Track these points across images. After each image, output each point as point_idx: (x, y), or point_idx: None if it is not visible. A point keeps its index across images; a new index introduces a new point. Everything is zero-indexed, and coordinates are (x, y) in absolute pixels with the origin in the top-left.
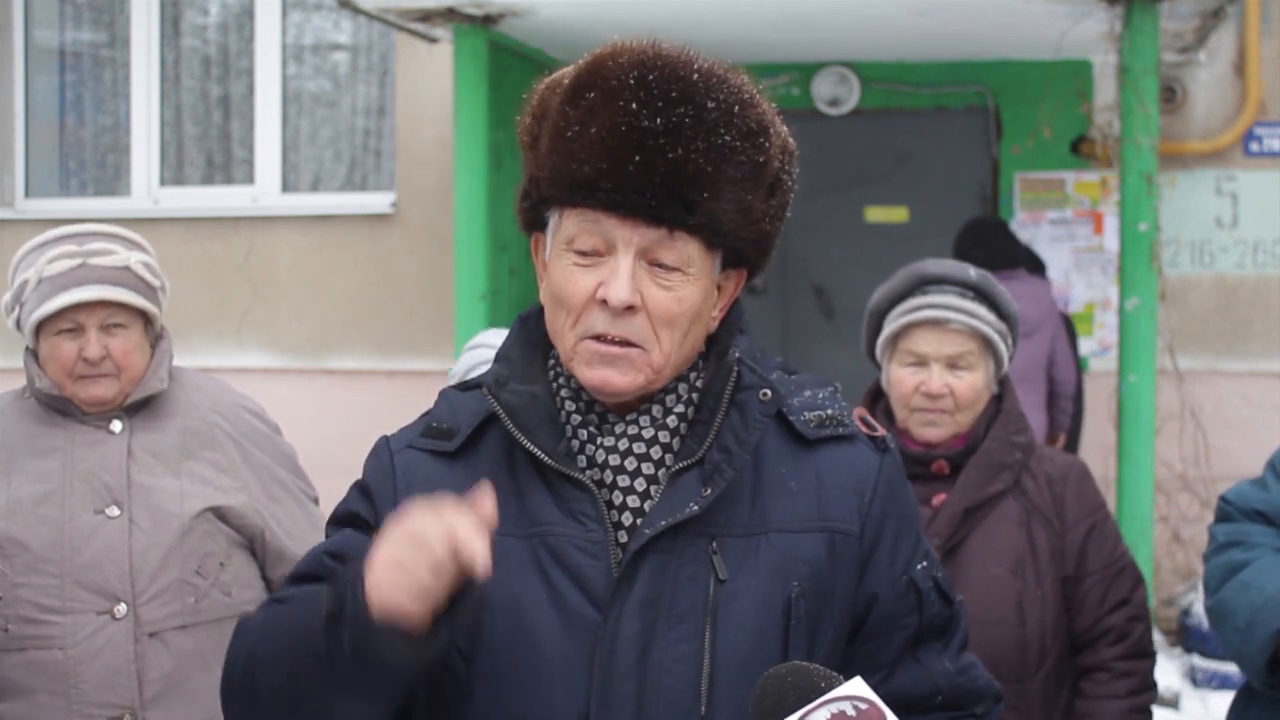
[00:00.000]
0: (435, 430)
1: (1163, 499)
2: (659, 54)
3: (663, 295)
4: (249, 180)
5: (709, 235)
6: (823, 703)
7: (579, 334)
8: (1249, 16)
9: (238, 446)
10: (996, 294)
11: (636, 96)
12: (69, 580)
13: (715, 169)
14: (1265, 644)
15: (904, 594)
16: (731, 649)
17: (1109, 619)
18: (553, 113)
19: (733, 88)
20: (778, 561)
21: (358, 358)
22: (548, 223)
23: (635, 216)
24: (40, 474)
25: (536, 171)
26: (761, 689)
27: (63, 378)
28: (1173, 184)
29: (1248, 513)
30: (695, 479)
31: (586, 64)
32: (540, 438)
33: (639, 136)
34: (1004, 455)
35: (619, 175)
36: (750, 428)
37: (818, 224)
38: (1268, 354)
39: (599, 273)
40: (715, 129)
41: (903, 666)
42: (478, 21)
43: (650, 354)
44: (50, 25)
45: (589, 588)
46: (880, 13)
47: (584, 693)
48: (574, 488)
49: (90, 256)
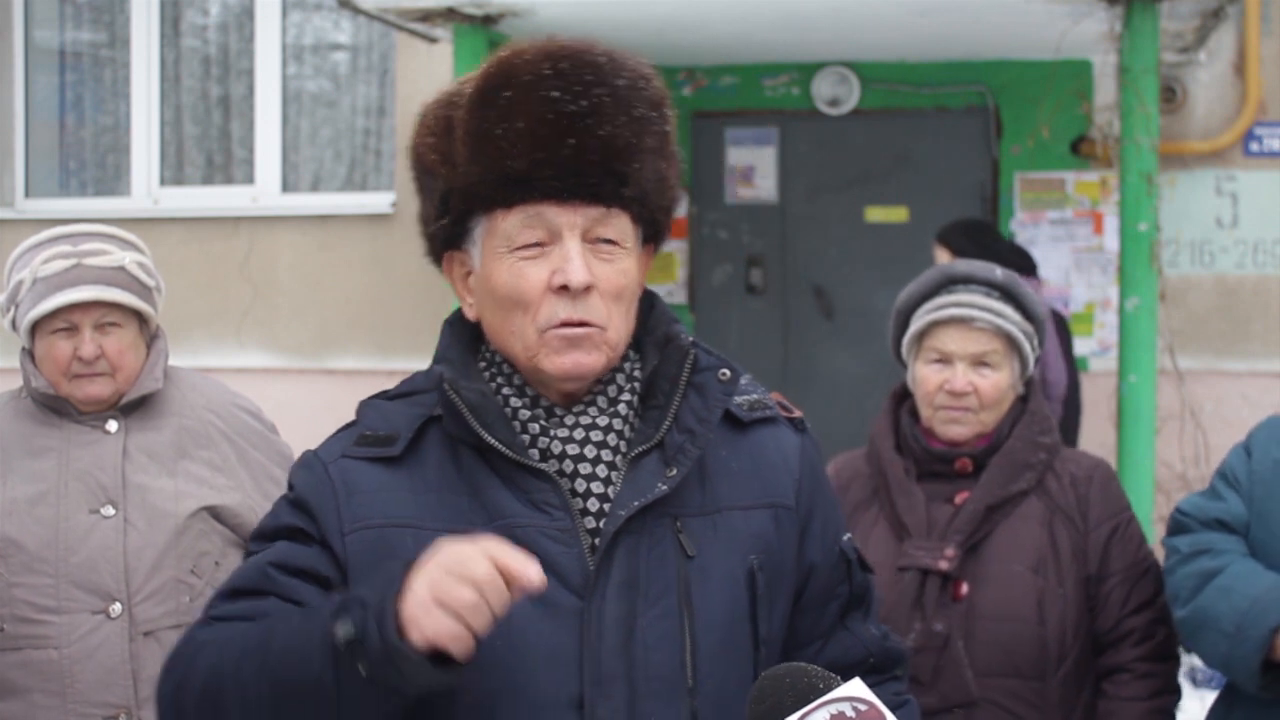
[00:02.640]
0: (371, 438)
1: (1163, 499)
2: (562, 45)
3: (609, 270)
4: (249, 180)
5: (638, 207)
6: (822, 704)
7: (540, 326)
8: (1249, 16)
9: (233, 446)
10: (1022, 294)
11: (555, 84)
12: (64, 580)
13: (638, 140)
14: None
15: (836, 563)
16: (708, 623)
17: (1131, 620)
18: (462, 122)
19: (633, 65)
20: (734, 538)
21: (358, 358)
22: (468, 234)
23: (575, 199)
24: (35, 474)
25: (459, 183)
26: (759, 690)
27: (58, 377)
28: (1173, 184)
29: (1207, 522)
30: (656, 461)
31: (490, 67)
32: (497, 432)
33: (568, 121)
34: (1028, 455)
35: (556, 162)
36: (712, 407)
37: (818, 224)
38: (1268, 354)
39: (548, 262)
40: (631, 104)
41: (835, 635)
42: (478, 21)
43: (607, 331)
44: (50, 25)
45: (564, 576)
46: (880, 13)
47: (575, 678)
48: (534, 478)
49: (85, 257)
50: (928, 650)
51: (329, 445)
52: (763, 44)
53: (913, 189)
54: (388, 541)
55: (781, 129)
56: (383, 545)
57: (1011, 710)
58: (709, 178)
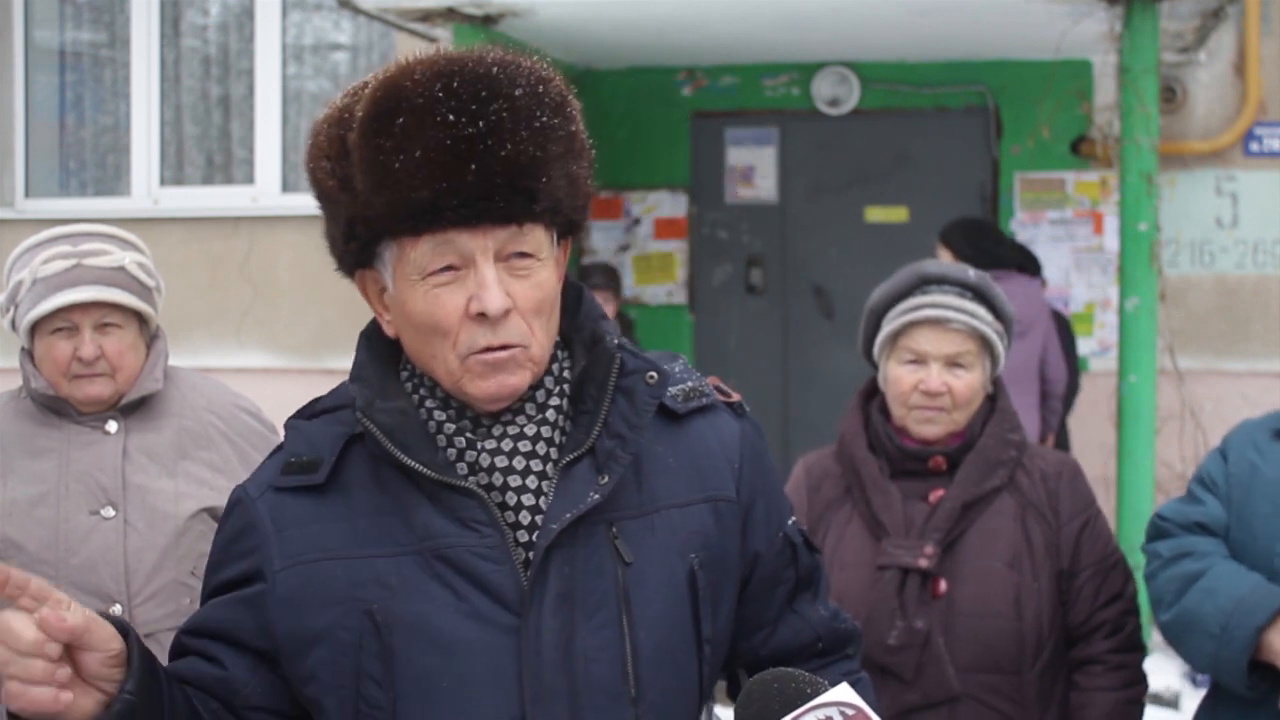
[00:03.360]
0: (296, 465)
1: (1163, 499)
2: (452, 60)
3: (525, 286)
4: (249, 180)
5: (550, 217)
6: (809, 709)
7: (461, 353)
8: (1249, 16)
9: (233, 446)
10: (994, 295)
11: (449, 106)
12: (64, 581)
13: (543, 152)
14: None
15: (781, 549)
16: (648, 628)
17: (1102, 613)
18: (357, 148)
19: (529, 69)
20: (673, 537)
21: None
22: (378, 256)
23: (484, 223)
24: (35, 475)
25: (361, 211)
26: (746, 695)
27: (58, 378)
28: (1173, 184)
29: (1187, 526)
30: (587, 468)
31: (379, 91)
32: (418, 453)
33: (467, 144)
34: (999, 452)
35: (460, 189)
36: (640, 412)
37: (818, 224)
38: (1268, 354)
39: (462, 288)
40: (530, 114)
41: (784, 620)
42: (478, 21)
43: (530, 349)
44: (50, 25)
45: (498, 593)
46: (880, 13)
47: (515, 696)
48: (461, 496)
49: (85, 257)
50: (909, 648)
51: (258, 476)
52: (763, 44)
53: (913, 189)
54: (319, 575)
55: (781, 129)
56: (315, 580)
57: (992, 705)
58: (709, 178)
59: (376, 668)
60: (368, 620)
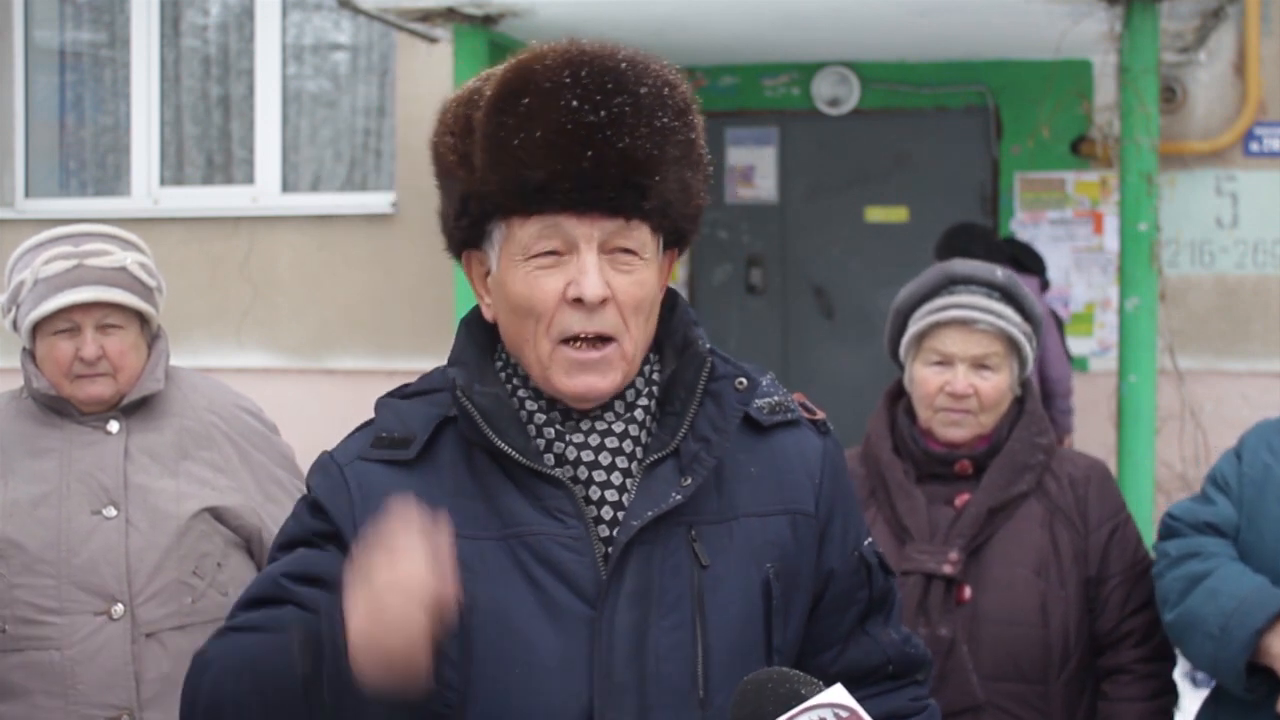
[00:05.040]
0: (387, 440)
1: (1163, 499)
2: (583, 50)
3: (627, 282)
4: (249, 180)
5: (659, 218)
6: (803, 710)
7: (554, 338)
8: (1249, 16)
9: (235, 446)
10: (1022, 295)
11: (574, 93)
12: (66, 581)
13: (659, 151)
14: (1243, 647)
15: (856, 569)
16: (720, 632)
17: (1131, 621)
18: (481, 126)
19: (657, 71)
20: (750, 545)
21: (358, 358)
22: (487, 236)
23: (593, 211)
24: (37, 475)
25: (477, 187)
26: (740, 695)
27: (59, 378)
28: (1173, 184)
29: (1197, 526)
30: (671, 469)
31: (509, 72)
32: (511, 438)
33: (586, 131)
34: (1027, 456)
35: (574, 174)
36: (727, 416)
37: (818, 224)
38: (1268, 354)
39: (563, 273)
40: (652, 113)
41: (854, 640)
42: (478, 21)
43: (623, 344)
44: (50, 25)
45: (577, 584)
46: (880, 13)
47: (585, 688)
48: (548, 485)
49: (86, 257)
50: (933, 655)
51: (345, 446)
52: (763, 44)
53: (913, 189)
54: None
55: (781, 129)
56: None
57: (1016, 714)
58: None
59: (454, 647)
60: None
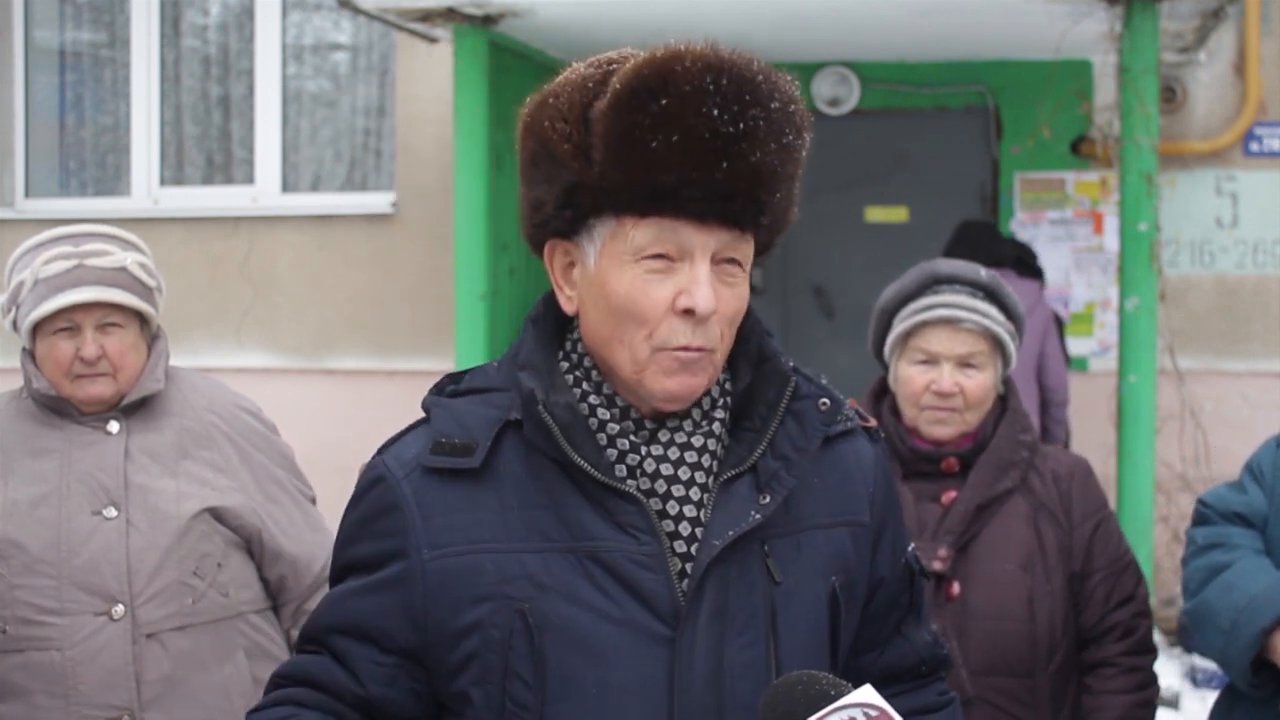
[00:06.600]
0: (447, 446)
1: (1163, 499)
2: (723, 57)
3: (729, 294)
4: (249, 180)
5: (765, 232)
6: (833, 710)
7: (655, 345)
8: (1249, 16)
9: (235, 446)
10: (1005, 294)
11: (715, 101)
12: (66, 581)
13: (783, 168)
14: (1250, 644)
15: (902, 575)
16: (792, 648)
17: (1115, 615)
18: (605, 119)
19: (784, 87)
20: (816, 558)
21: (358, 358)
22: (587, 230)
23: (714, 221)
24: (37, 475)
25: (595, 181)
26: (771, 698)
27: (59, 378)
28: (1173, 184)
29: (1227, 515)
30: (748, 486)
31: (645, 68)
32: (586, 452)
33: (723, 143)
34: (1012, 453)
35: (707, 183)
36: (810, 437)
37: (818, 224)
38: (1268, 354)
39: (673, 281)
40: (782, 129)
41: (893, 643)
42: (478, 21)
43: (715, 354)
44: (50, 25)
45: (653, 603)
46: (880, 13)
47: (665, 709)
48: (621, 500)
49: (86, 258)
50: None
51: (400, 451)
52: (763, 44)
53: (913, 189)
54: (468, 568)
55: None
56: (464, 573)
57: (1004, 708)
58: None
59: (527, 668)
60: (519, 620)
